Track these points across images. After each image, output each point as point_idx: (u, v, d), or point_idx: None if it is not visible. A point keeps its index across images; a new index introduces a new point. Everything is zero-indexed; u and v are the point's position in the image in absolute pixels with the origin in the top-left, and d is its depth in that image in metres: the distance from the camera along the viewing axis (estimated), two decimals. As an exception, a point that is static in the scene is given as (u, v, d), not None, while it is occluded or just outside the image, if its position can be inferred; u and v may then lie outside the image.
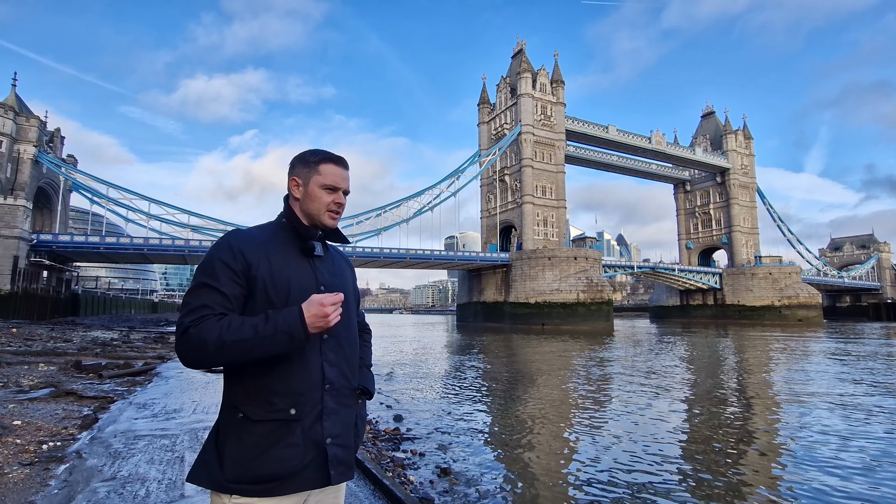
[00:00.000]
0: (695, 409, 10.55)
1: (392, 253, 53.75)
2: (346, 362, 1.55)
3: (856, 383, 13.84)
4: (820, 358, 21.51)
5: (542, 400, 11.39)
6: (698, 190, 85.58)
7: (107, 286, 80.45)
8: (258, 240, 1.49)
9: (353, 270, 1.79)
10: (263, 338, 1.32)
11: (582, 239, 62.96)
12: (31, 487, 3.76)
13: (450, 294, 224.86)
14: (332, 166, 1.57)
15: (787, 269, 71.41)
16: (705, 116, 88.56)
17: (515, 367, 18.10)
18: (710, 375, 16.10)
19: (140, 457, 4.55)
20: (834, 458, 6.86)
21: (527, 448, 7.35)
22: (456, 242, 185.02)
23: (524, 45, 65.85)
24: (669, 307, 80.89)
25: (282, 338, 1.33)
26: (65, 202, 46.77)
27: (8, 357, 12.25)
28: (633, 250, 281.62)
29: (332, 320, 1.37)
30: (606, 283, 54.31)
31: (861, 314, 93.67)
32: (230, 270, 1.41)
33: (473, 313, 62.20)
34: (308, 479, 1.41)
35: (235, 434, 1.39)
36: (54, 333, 22.96)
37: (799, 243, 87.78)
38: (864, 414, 9.78)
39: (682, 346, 28.55)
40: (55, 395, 7.60)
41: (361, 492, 3.92)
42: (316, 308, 1.35)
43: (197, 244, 46.01)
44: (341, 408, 1.51)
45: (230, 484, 1.36)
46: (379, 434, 7.52)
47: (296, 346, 1.37)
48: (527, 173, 60.15)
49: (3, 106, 38.74)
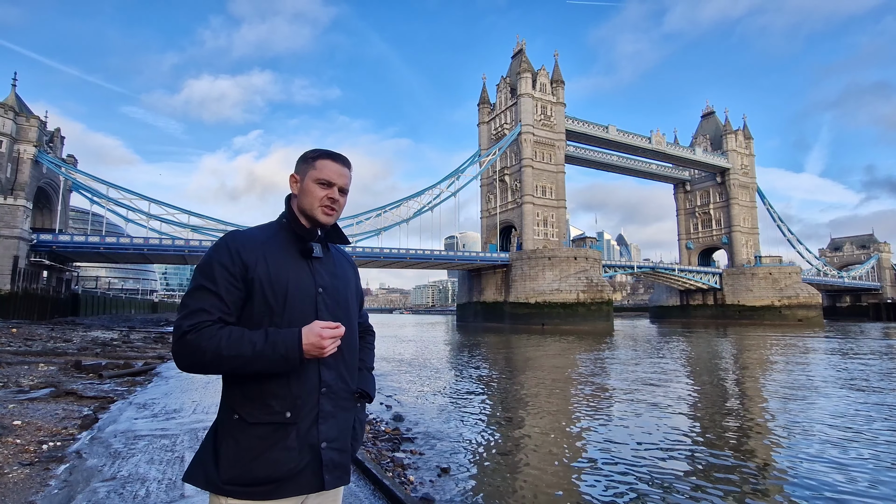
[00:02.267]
0: (695, 409, 10.55)
1: (392, 253, 53.73)
2: (344, 365, 1.54)
3: (856, 383, 13.83)
4: (820, 358, 21.51)
5: (542, 400, 11.39)
6: (698, 190, 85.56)
7: (107, 286, 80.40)
8: (257, 241, 1.49)
9: (357, 271, 1.78)
10: (260, 357, 1.35)
11: (582, 239, 62.98)
12: (31, 487, 3.76)
13: (450, 294, 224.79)
14: (329, 162, 1.56)
15: (787, 269, 71.37)
16: (705, 116, 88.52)
17: (515, 368, 18.10)
18: (710, 376, 16.10)
19: (140, 457, 4.55)
20: (834, 459, 6.85)
21: (527, 448, 7.34)
22: (456, 242, 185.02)
23: (524, 45, 65.83)
24: (669, 307, 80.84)
25: (278, 359, 1.36)
26: (65, 202, 46.75)
27: (8, 357, 12.25)
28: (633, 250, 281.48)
29: (328, 353, 1.40)
30: (606, 283, 54.28)
31: (861, 314, 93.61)
32: (228, 273, 1.41)
33: (473, 313, 62.17)
34: (304, 483, 1.41)
35: (232, 436, 1.39)
36: (54, 333, 22.96)
37: (799, 243, 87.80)
38: (865, 414, 9.78)
39: (682, 346, 28.54)
40: (55, 395, 7.60)
41: (361, 492, 3.92)
42: (315, 339, 1.37)
43: (197, 244, 45.97)
44: (339, 411, 1.50)
45: (225, 486, 1.36)
46: (379, 434, 7.51)
47: (290, 368, 1.39)
48: (527, 173, 60.13)
49: (3, 106, 38.72)
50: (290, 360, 1.36)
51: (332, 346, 1.40)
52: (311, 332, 1.37)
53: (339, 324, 1.44)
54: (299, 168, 1.58)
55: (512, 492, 5.54)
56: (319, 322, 1.41)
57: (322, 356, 1.40)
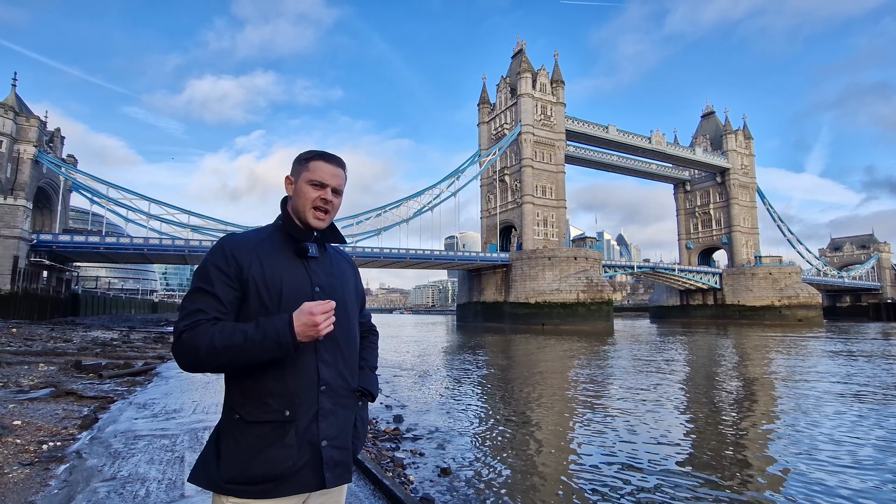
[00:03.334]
0: (696, 409, 10.55)
1: (392, 253, 53.74)
2: (343, 362, 1.53)
3: (856, 383, 13.83)
4: (820, 358, 21.51)
5: (542, 400, 11.39)
6: (698, 190, 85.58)
7: (107, 286, 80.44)
8: (251, 243, 1.50)
9: (356, 271, 1.78)
10: (252, 344, 1.33)
11: (582, 239, 62.96)
12: (31, 487, 3.76)
13: (450, 294, 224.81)
14: (322, 163, 1.57)
15: (787, 269, 71.39)
16: (705, 116, 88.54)
17: (515, 368, 18.10)
18: (710, 376, 16.10)
19: (140, 457, 4.54)
20: (834, 458, 6.85)
21: (527, 448, 7.35)
22: (456, 242, 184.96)
23: (524, 45, 65.85)
24: (669, 307, 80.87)
25: (270, 345, 1.34)
26: (65, 202, 46.76)
27: (8, 357, 12.25)
28: (633, 250, 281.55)
29: (323, 329, 1.37)
30: (606, 283, 54.30)
31: (861, 314, 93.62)
32: (223, 275, 1.42)
33: (473, 313, 62.18)
34: (304, 481, 1.41)
35: (232, 435, 1.40)
36: (54, 333, 22.96)
37: (799, 243, 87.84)
38: (865, 413, 9.78)
39: (682, 346, 28.55)
40: (55, 395, 7.60)
41: (361, 492, 3.92)
42: (305, 317, 1.35)
43: (197, 244, 46.01)
44: (339, 409, 1.50)
45: (226, 485, 1.37)
46: (379, 434, 7.51)
47: (285, 354, 1.37)
48: (527, 173, 60.14)
49: (3, 106, 38.72)
50: (283, 344, 1.34)
51: (327, 322, 1.37)
52: (301, 313, 1.36)
53: (330, 300, 1.41)
54: (294, 169, 1.59)
55: (512, 492, 5.54)
56: (309, 302, 1.39)
57: (319, 335, 1.37)
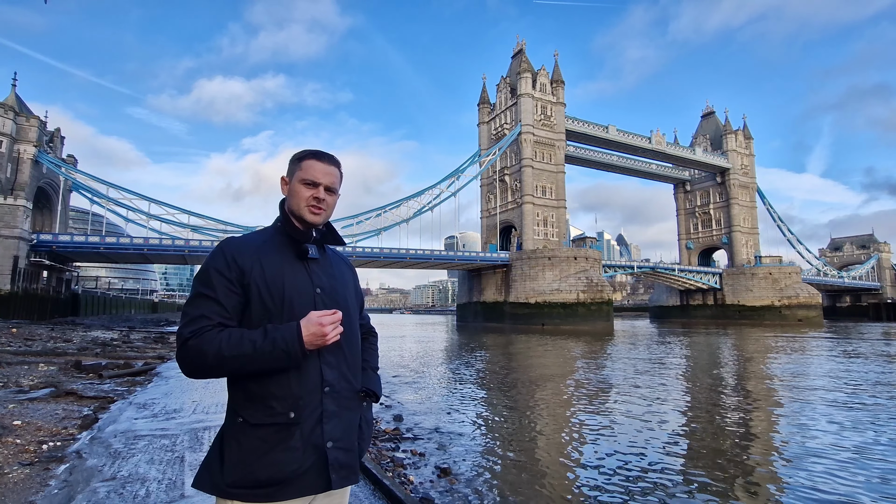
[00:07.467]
0: (696, 410, 10.55)
1: (392, 253, 53.70)
2: (346, 364, 1.53)
3: (856, 382, 13.83)
4: (820, 358, 21.50)
5: (542, 400, 11.39)
6: (698, 190, 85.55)
7: (107, 286, 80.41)
8: (252, 245, 1.50)
9: (355, 272, 1.78)
10: (261, 354, 1.34)
11: (582, 239, 62.94)
12: (31, 487, 3.76)
13: (450, 294, 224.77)
14: (314, 161, 1.57)
15: (787, 269, 71.36)
16: (705, 116, 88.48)
17: (515, 368, 18.10)
18: (710, 376, 16.10)
19: (140, 457, 4.54)
20: (835, 458, 6.85)
21: (527, 448, 7.35)
22: (456, 242, 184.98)
23: (524, 45, 65.83)
24: (669, 307, 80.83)
25: (279, 354, 1.35)
26: (65, 202, 46.74)
27: (8, 357, 12.24)
28: (633, 250, 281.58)
29: (331, 339, 1.39)
30: (606, 283, 54.27)
31: (861, 314, 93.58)
32: (224, 279, 1.42)
33: (473, 313, 62.16)
34: (309, 483, 1.40)
35: (236, 438, 1.40)
36: (54, 333, 22.96)
37: (799, 243, 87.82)
38: (865, 413, 9.77)
39: (682, 346, 28.54)
40: (55, 395, 7.60)
41: (361, 492, 3.92)
42: (315, 327, 1.36)
43: (197, 244, 46.00)
44: (343, 410, 1.49)
45: (230, 489, 1.36)
46: (379, 434, 7.51)
47: (293, 363, 1.38)
48: (527, 173, 60.13)
49: (3, 106, 38.72)
50: (292, 353, 1.36)
51: (334, 331, 1.39)
52: (310, 322, 1.37)
53: (337, 310, 1.43)
54: (288, 169, 1.60)
55: (513, 492, 5.53)
56: (316, 311, 1.40)
57: (326, 343, 1.39)
